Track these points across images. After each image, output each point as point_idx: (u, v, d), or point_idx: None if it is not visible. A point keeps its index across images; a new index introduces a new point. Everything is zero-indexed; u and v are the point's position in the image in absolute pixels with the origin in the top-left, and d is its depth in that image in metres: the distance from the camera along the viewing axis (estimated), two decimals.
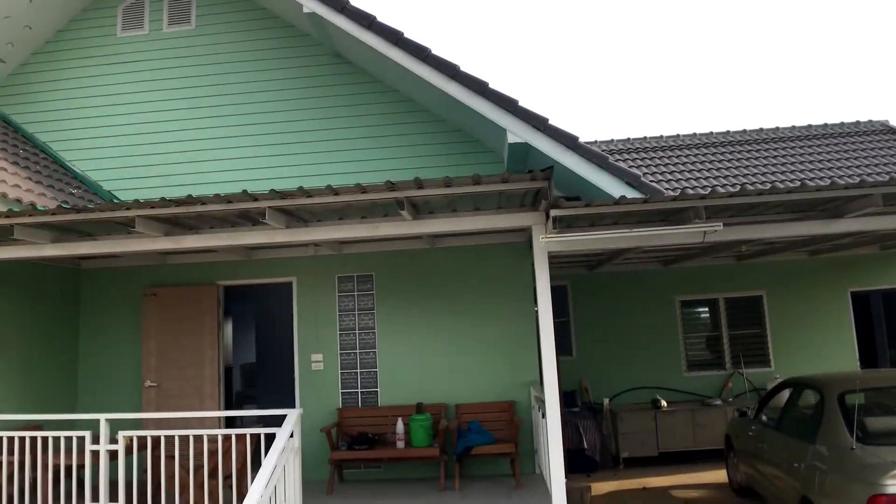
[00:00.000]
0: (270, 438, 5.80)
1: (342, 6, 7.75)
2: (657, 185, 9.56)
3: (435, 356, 8.13)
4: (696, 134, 13.21)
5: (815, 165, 11.47)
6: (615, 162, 7.00)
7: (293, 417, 5.86)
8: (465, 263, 8.23)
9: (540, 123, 7.10)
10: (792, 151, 12.15)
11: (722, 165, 11.62)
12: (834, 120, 14.76)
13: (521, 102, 7.15)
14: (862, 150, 12.07)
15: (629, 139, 13.26)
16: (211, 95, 8.90)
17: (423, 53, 7.48)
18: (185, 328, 8.38)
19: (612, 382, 10.82)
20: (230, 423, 9.09)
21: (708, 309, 11.16)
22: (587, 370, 10.89)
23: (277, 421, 5.91)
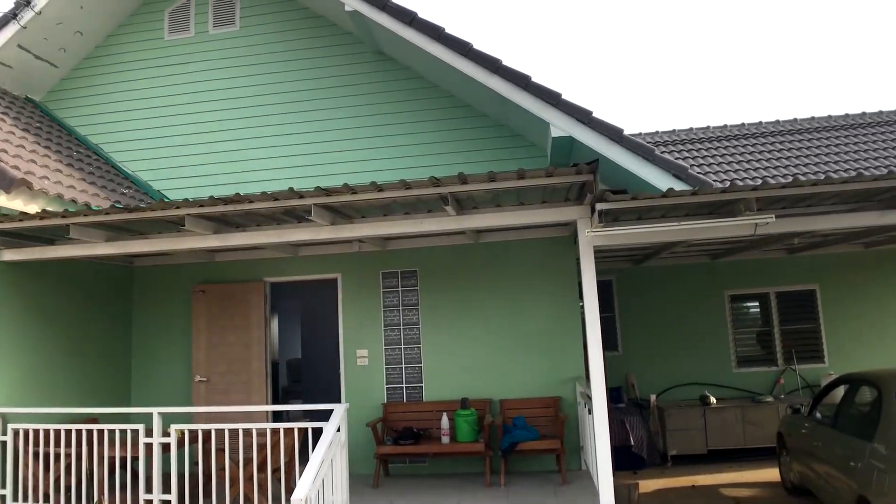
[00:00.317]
0: (317, 433, 5.86)
1: (384, 4, 7.78)
2: (704, 177, 9.37)
3: (479, 351, 8.12)
4: (744, 124, 12.91)
5: (868, 154, 11.08)
6: (661, 154, 6.89)
7: (340, 412, 5.90)
8: (508, 258, 8.20)
9: (584, 116, 7.03)
10: (845, 140, 11.76)
11: (771, 156, 11.31)
12: (873, 109, 14.19)
13: (564, 95, 7.10)
14: None
15: (674, 131, 13.02)
16: (256, 95, 9.06)
17: (464, 48, 7.47)
18: (233, 324, 8.53)
19: (658, 378, 10.67)
20: (277, 417, 9.24)
21: (758, 303, 10.90)
22: (633, 366, 10.77)
23: (323, 415, 5.97)
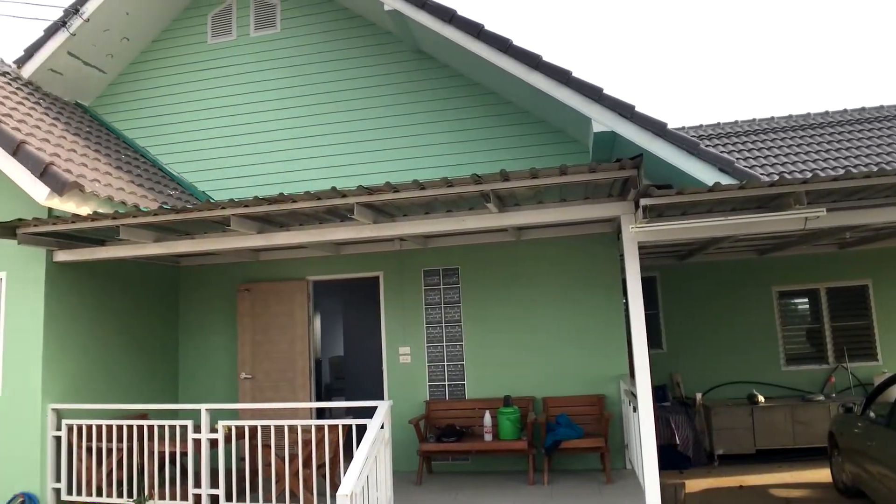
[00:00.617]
0: (360, 430, 5.91)
1: (423, 2, 7.80)
2: (750, 170, 9.17)
3: (522, 349, 8.08)
4: (791, 116, 12.59)
5: None
6: (706, 147, 6.77)
7: (384, 409, 5.94)
8: (550, 255, 8.14)
9: (626, 111, 6.94)
10: None
11: (821, 148, 11.00)
12: None
13: (605, 90, 7.02)
14: None
15: (718, 124, 12.76)
16: (297, 96, 9.16)
17: (504, 45, 7.44)
18: (277, 322, 8.65)
19: (704, 377, 10.48)
20: (320, 414, 9.33)
21: (808, 300, 10.62)
22: (678, 364, 10.59)
23: (366, 412, 6.01)
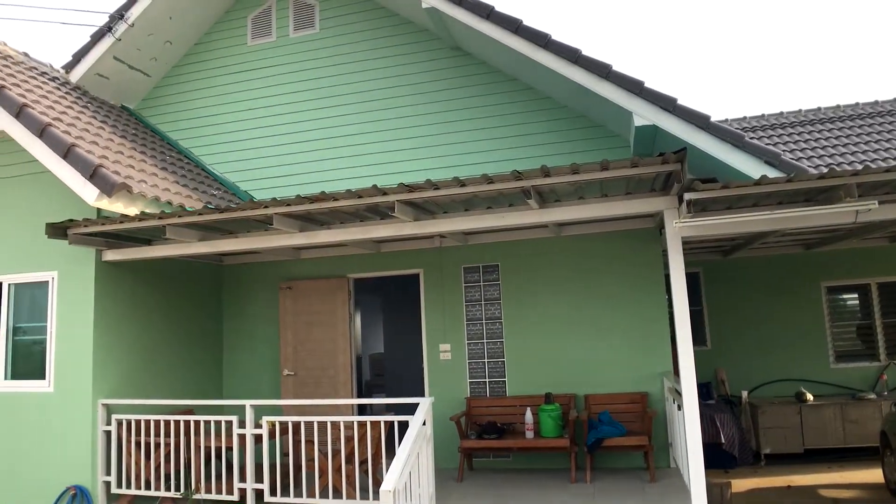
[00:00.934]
0: (402, 426, 5.94)
1: None
2: (797, 162, 8.94)
3: (563, 345, 8.02)
4: (839, 106, 12.23)
5: None
6: (751, 140, 6.62)
7: (425, 406, 5.95)
8: (591, 251, 8.06)
9: (668, 104, 6.84)
10: None
11: (871, 139, 10.67)
12: None
13: (646, 83, 6.92)
14: None
15: (763, 115, 12.48)
16: (337, 95, 9.24)
17: (543, 40, 7.38)
18: (318, 320, 8.75)
19: (750, 374, 10.27)
20: (361, 410, 9.41)
21: (858, 295, 10.33)
22: (723, 361, 10.40)
23: (407, 409, 6.04)
